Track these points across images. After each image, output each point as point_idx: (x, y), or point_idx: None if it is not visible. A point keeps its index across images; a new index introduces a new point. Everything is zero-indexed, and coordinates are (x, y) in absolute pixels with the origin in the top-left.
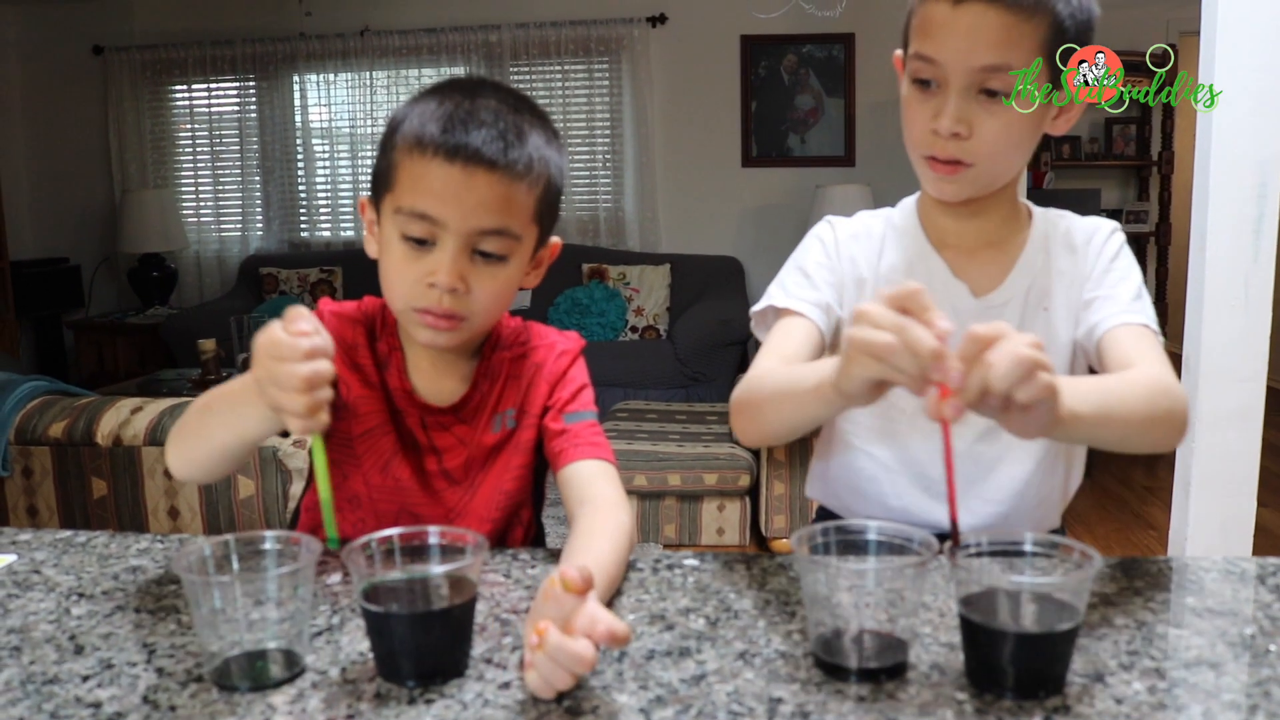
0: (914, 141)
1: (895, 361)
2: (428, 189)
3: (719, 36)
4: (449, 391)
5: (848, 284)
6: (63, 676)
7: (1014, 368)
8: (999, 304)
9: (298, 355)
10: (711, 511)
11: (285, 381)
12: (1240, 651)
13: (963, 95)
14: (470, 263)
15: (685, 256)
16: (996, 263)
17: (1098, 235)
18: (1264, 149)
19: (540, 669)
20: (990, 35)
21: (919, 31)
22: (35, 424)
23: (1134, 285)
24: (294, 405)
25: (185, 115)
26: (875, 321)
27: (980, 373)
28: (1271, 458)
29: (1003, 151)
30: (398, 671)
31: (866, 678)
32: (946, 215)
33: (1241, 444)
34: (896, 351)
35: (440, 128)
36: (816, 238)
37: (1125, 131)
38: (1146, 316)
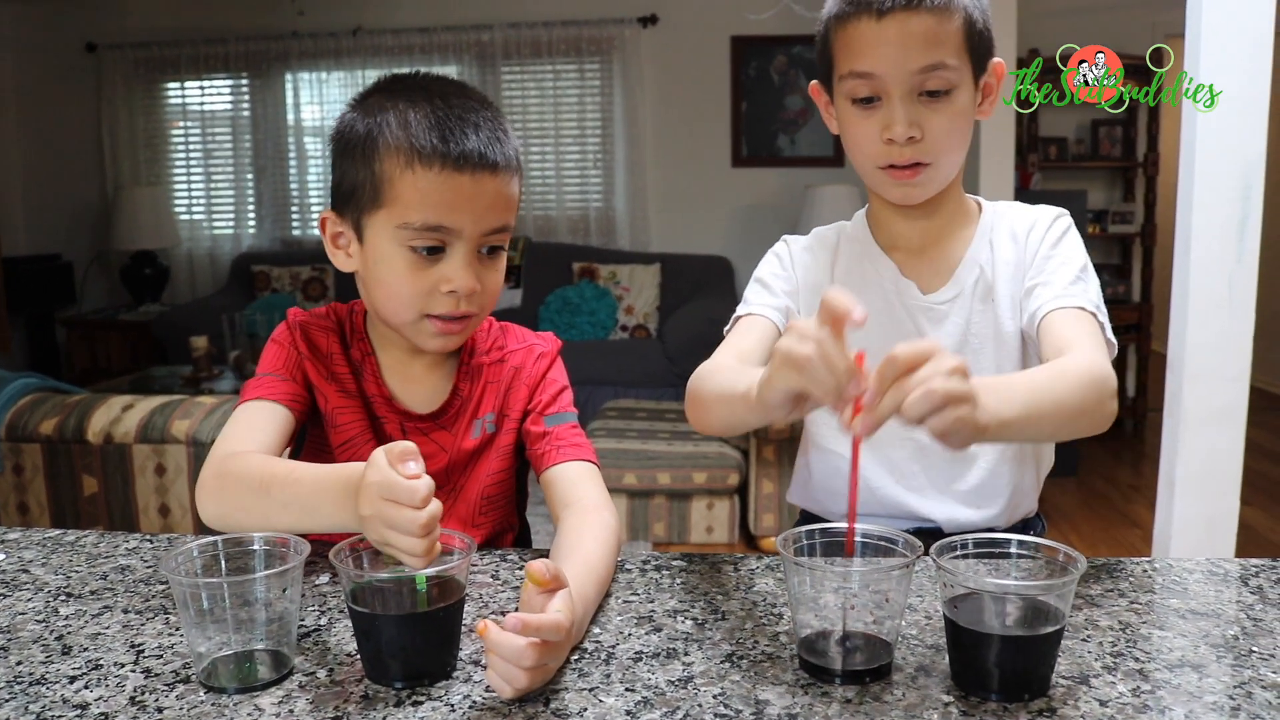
0: (868, 157)
1: (812, 374)
2: (439, 201)
3: (709, 37)
4: (426, 396)
5: (803, 291)
6: (50, 677)
7: (923, 401)
8: (946, 300)
9: (416, 501)
10: (701, 510)
11: (405, 526)
12: (1223, 653)
13: (906, 100)
14: (480, 264)
15: (675, 256)
16: (944, 259)
17: (1039, 223)
18: (1248, 150)
19: (491, 666)
20: (919, 38)
21: (846, 52)
22: (26, 421)
23: (1074, 268)
24: (413, 547)
25: (178, 113)
26: (800, 333)
27: (894, 397)
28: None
29: (954, 145)
30: (385, 672)
31: (852, 679)
32: (897, 218)
33: (1225, 443)
34: (814, 364)
35: (439, 136)
36: (773, 254)
37: (1111, 133)
38: (1085, 299)
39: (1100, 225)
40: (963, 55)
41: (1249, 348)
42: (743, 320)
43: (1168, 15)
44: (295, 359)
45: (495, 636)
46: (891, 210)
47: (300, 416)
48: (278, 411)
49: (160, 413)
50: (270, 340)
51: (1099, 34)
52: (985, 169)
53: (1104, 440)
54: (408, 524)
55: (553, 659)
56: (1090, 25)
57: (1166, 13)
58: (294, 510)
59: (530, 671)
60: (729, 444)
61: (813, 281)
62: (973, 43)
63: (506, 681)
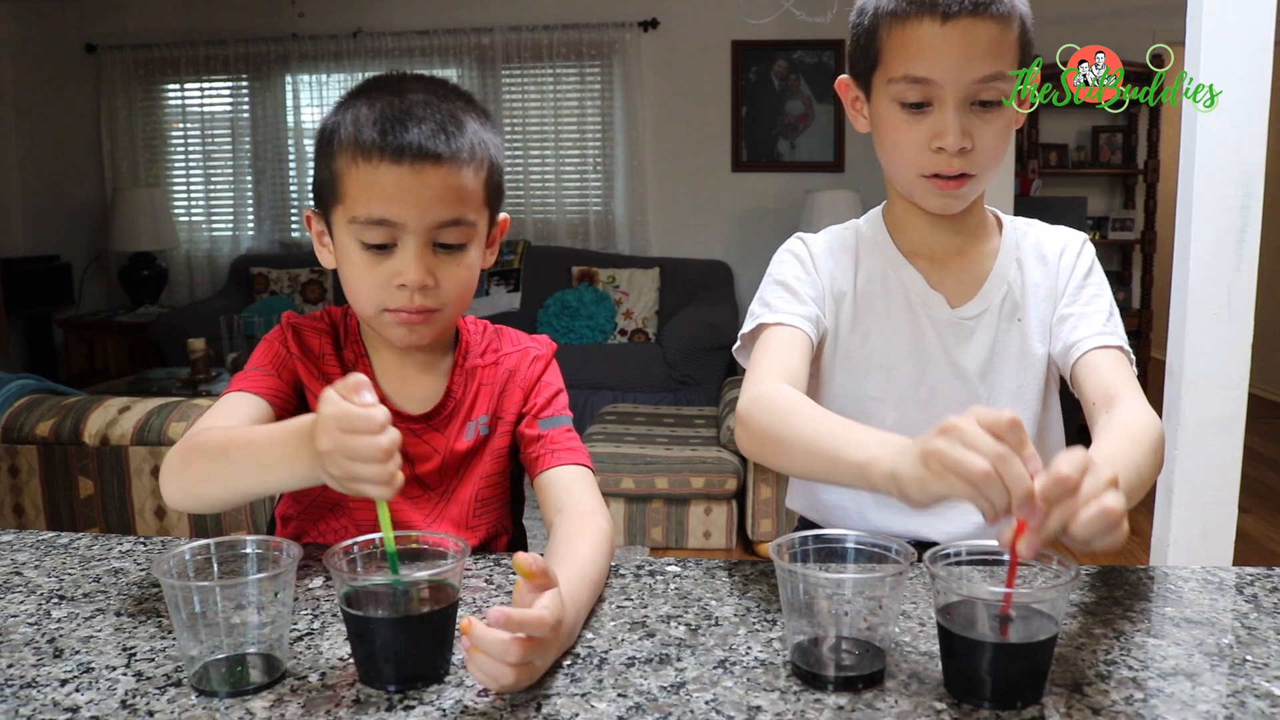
0: (911, 163)
1: (986, 491)
2: (380, 194)
3: (710, 42)
4: (420, 397)
5: (828, 298)
6: (41, 680)
7: (1099, 522)
8: (974, 315)
9: (375, 428)
10: (698, 515)
11: (366, 454)
12: (1217, 662)
13: (960, 110)
14: (434, 256)
15: (675, 260)
16: (970, 272)
17: (1069, 248)
18: (1247, 159)
19: (475, 663)
20: (983, 46)
21: (902, 53)
22: (22, 422)
23: (1106, 303)
24: (376, 474)
25: (177, 114)
26: (972, 444)
27: (1061, 517)
28: (1253, 464)
29: (1000, 157)
30: (378, 675)
31: (845, 686)
32: (922, 227)
33: (1223, 452)
34: (991, 482)
35: (379, 130)
36: (791, 254)
37: (1111, 140)
38: (1119, 337)
39: (1100, 232)
40: (1015, 65)
41: (1247, 356)
42: (773, 331)
43: (1168, 23)
44: (283, 357)
45: (479, 632)
46: (919, 217)
47: (280, 411)
48: (256, 402)
49: (157, 415)
50: (262, 339)
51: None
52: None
53: None
54: (369, 450)
55: (539, 657)
56: (1090, 32)
57: (1166, 20)
58: (251, 469)
59: (515, 668)
60: (727, 449)
61: (837, 289)
62: (1024, 51)
63: (491, 678)
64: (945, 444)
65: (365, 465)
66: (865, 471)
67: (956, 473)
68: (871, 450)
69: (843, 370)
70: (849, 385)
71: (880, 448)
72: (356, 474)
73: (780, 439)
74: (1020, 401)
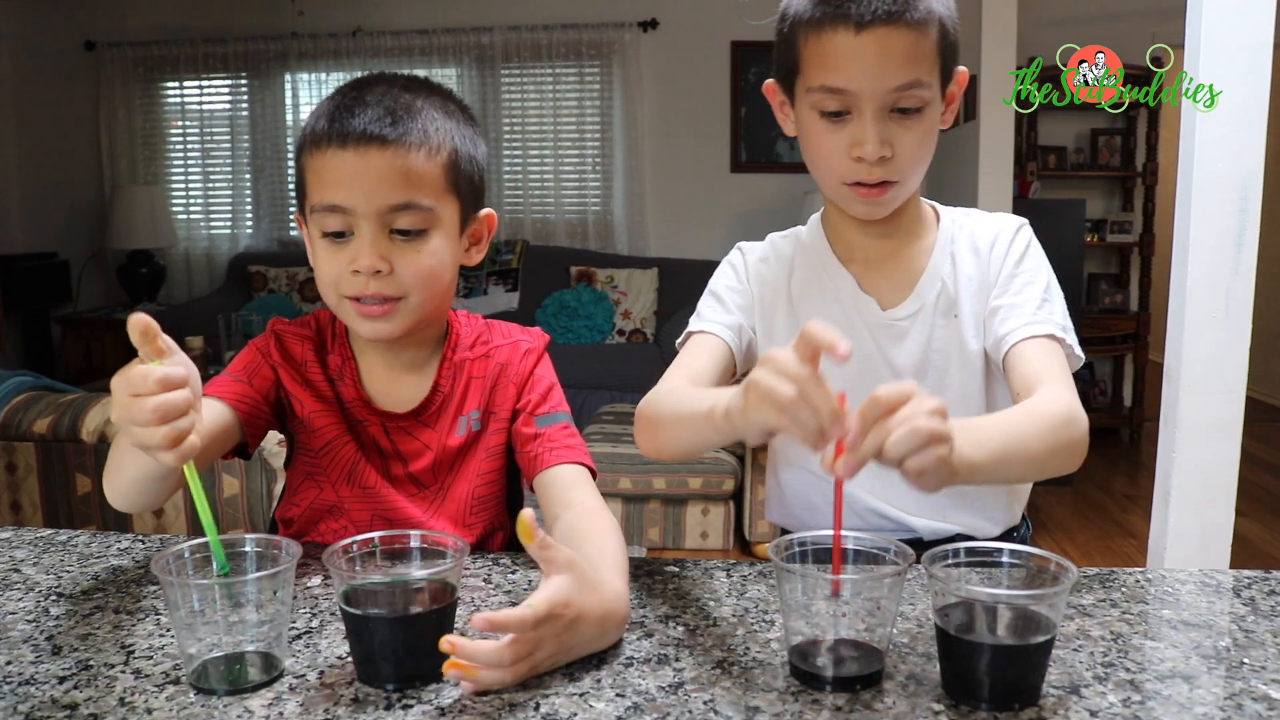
0: (833, 172)
1: (794, 415)
2: (329, 180)
3: (710, 42)
4: (409, 396)
5: (758, 306)
6: (39, 677)
7: (908, 439)
8: (907, 315)
9: (148, 388)
10: (695, 515)
11: (139, 416)
12: (1215, 664)
13: (878, 118)
14: (390, 243)
15: (673, 260)
16: (904, 272)
17: (1001, 237)
18: (1246, 162)
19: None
20: (898, 55)
21: (818, 64)
22: (20, 419)
23: (1039, 288)
24: (151, 439)
25: (176, 112)
26: (781, 370)
27: (876, 437)
28: (1251, 467)
29: (922, 161)
30: (377, 674)
31: (842, 687)
32: (855, 231)
33: (1221, 456)
34: (797, 405)
35: (328, 120)
36: (728, 263)
37: (1110, 142)
38: (1053, 324)
39: (1099, 235)
40: (935, 70)
41: (1245, 359)
42: (695, 338)
43: (1167, 25)
44: (258, 365)
45: (467, 648)
46: (850, 222)
47: (245, 417)
48: (214, 409)
49: None
50: (248, 344)
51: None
52: (984, 177)
53: (1100, 449)
54: (139, 412)
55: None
56: (1089, 34)
57: (1166, 23)
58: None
59: (515, 666)
60: (724, 450)
61: (769, 295)
62: (944, 55)
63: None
64: (760, 373)
65: (143, 429)
66: (711, 417)
67: (767, 400)
68: (714, 398)
69: None
70: None
71: (721, 394)
72: (140, 440)
73: (653, 420)
74: (964, 399)
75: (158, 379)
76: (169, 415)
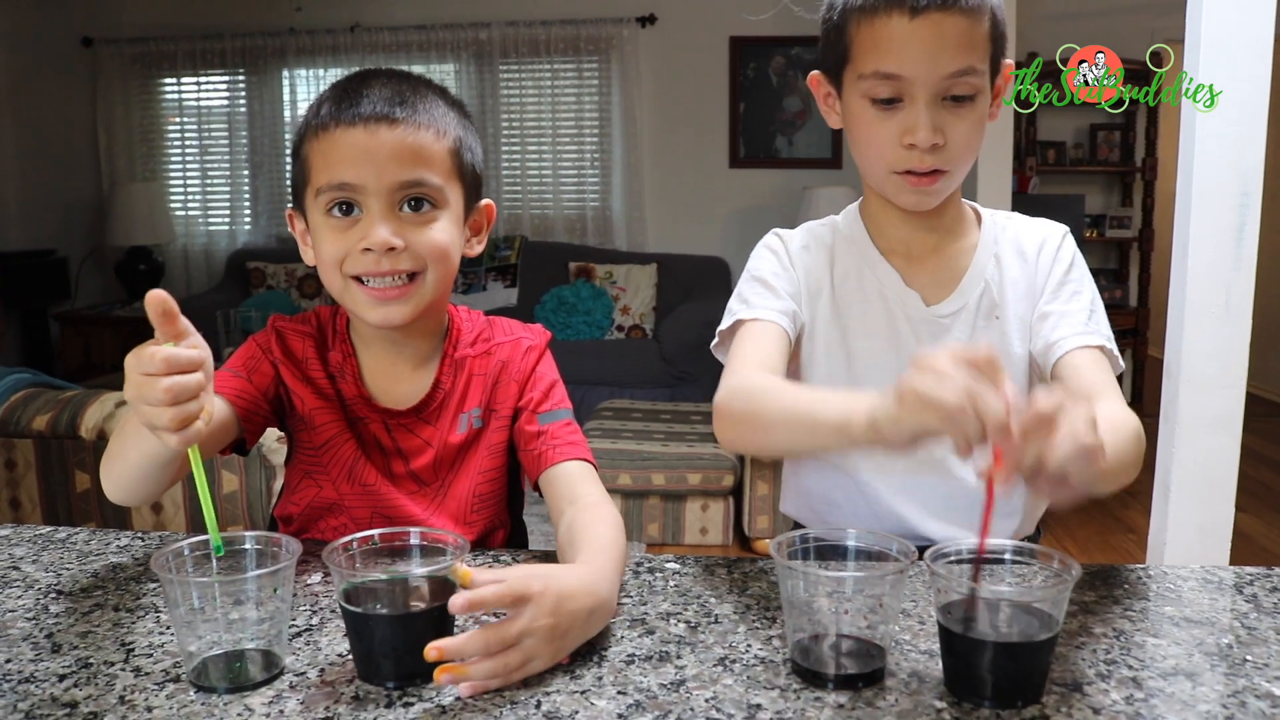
0: (883, 160)
1: (962, 423)
2: (339, 159)
3: (708, 37)
4: (409, 393)
5: (804, 295)
6: (39, 675)
7: (1076, 453)
8: (950, 313)
9: (159, 368)
10: (695, 511)
11: (150, 395)
12: (1217, 661)
13: (931, 105)
14: (400, 221)
15: (672, 256)
16: (947, 269)
17: (1049, 243)
18: (1246, 157)
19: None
20: (953, 42)
21: (871, 49)
22: (19, 416)
23: (1088, 298)
24: (160, 419)
25: (174, 108)
26: (939, 374)
27: (1038, 448)
28: (1250, 463)
29: (972, 152)
30: (377, 672)
31: (845, 684)
32: (898, 223)
33: (1221, 451)
34: (966, 415)
35: (334, 105)
36: (769, 250)
37: (1110, 138)
38: (1102, 335)
39: (1098, 230)
40: (987, 58)
41: (1245, 355)
42: (749, 326)
43: (1167, 21)
44: (260, 360)
45: (450, 646)
46: (894, 214)
47: (243, 412)
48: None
49: None
50: (248, 339)
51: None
52: (983, 172)
53: None
54: (151, 392)
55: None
56: (1089, 30)
57: (1166, 18)
58: (135, 435)
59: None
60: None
61: (814, 285)
62: (995, 44)
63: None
64: (918, 379)
65: (152, 409)
66: (845, 427)
67: (930, 405)
68: (848, 405)
69: (822, 366)
70: (827, 382)
71: (856, 401)
72: (149, 419)
73: (758, 418)
74: None
75: (164, 359)
76: (180, 397)
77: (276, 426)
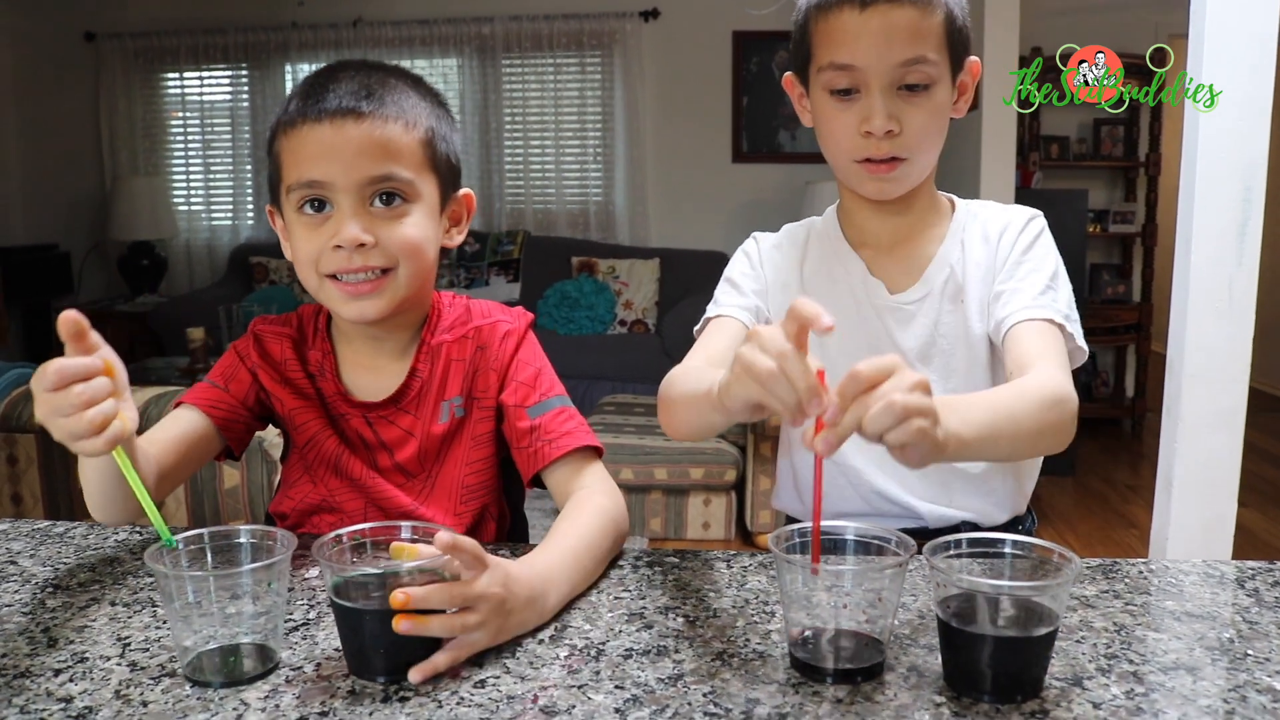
0: (844, 150)
1: (773, 388)
2: (306, 156)
3: (711, 32)
4: (388, 385)
5: (772, 290)
6: (35, 670)
7: (885, 414)
8: (914, 300)
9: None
10: (697, 505)
11: (62, 407)
12: (1218, 656)
13: (886, 94)
14: (371, 217)
15: (675, 251)
16: (913, 258)
17: (1011, 225)
18: (1250, 153)
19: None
20: (902, 31)
21: (826, 42)
22: (20, 411)
23: (1045, 276)
24: (75, 427)
25: (177, 103)
26: (763, 344)
27: (855, 413)
28: (1253, 458)
29: (930, 140)
30: (368, 667)
31: (843, 679)
32: (868, 215)
33: (1224, 447)
34: (776, 379)
35: (301, 99)
36: (743, 253)
37: (1113, 133)
38: (1053, 309)
39: (1101, 225)
40: (942, 51)
41: (1249, 350)
42: (712, 322)
43: (1171, 15)
44: (236, 368)
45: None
46: (863, 206)
47: (220, 422)
48: (188, 417)
49: (155, 404)
50: (229, 347)
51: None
52: (986, 167)
53: (1102, 440)
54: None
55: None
56: (1093, 24)
57: (1170, 12)
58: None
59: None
60: (726, 440)
61: (782, 280)
62: (952, 40)
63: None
64: (744, 348)
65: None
66: (709, 396)
67: (749, 373)
68: (715, 376)
69: None
70: None
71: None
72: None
73: (670, 401)
74: (970, 384)
75: (55, 370)
76: (91, 401)
77: (264, 429)
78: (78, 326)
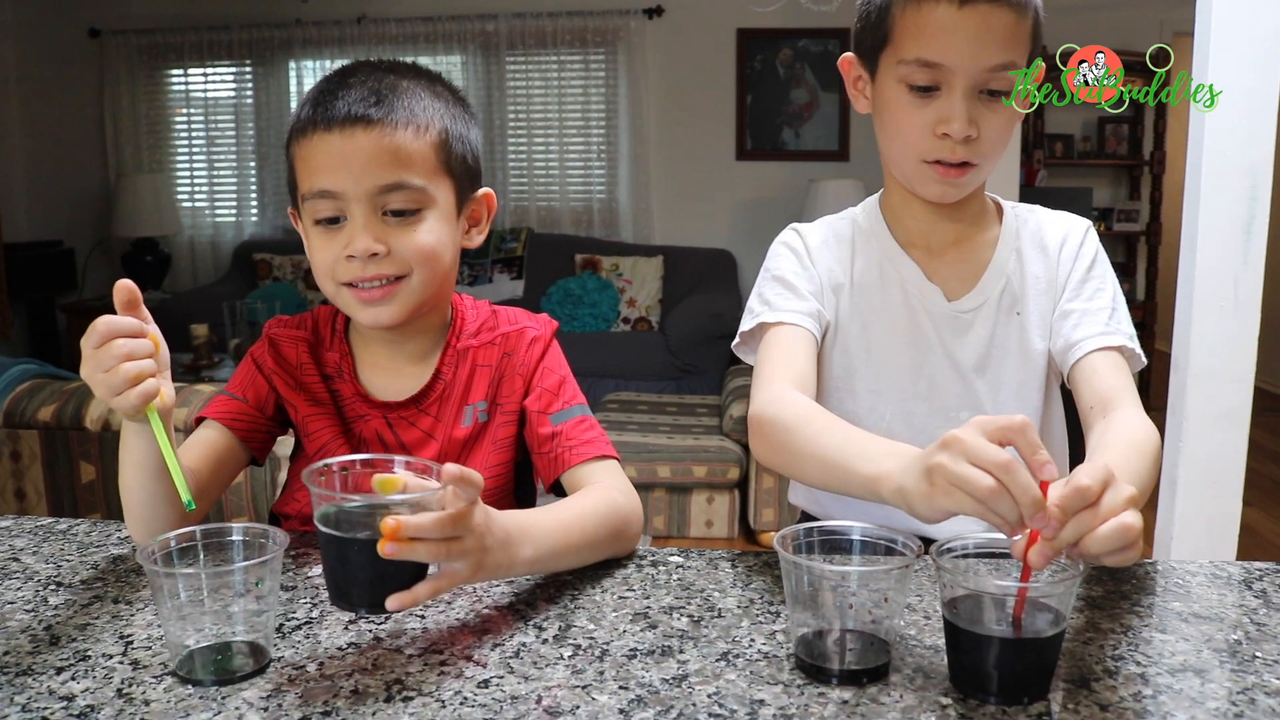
0: (913, 148)
1: (994, 506)
2: (318, 165)
3: (715, 29)
4: (409, 386)
5: (826, 292)
6: (37, 668)
7: (1114, 538)
8: (971, 308)
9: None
10: (700, 504)
11: (105, 361)
12: (1226, 657)
13: (968, 96)
14: (384, 225)
15: (678, 249)
16: (967, 263)
17: (1071, 238)
18: (1255, 151)
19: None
20: (997, 34)
21: (914, 34)
22: (24, 407)
23: (1109, 297)
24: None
25: (181, 100)
26: (975, 457)
27: (1076, 529)
28: (1257, 457)
29: (1002, 147)
30: (348, 598)
31: (849, 680)
32: (919, 216)
33: (1229, 446)
34: (999, 497)
35: (313, 106)
36: (787, 247)
37: (1118, 131)
38: (1123, 334)
39: (1106, 223)
40: (1026, 55)
41: (1254, 349)
42: (775, 330)
43: (1176, 13)
44: (254, 377)
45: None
46: (916, 206)
47: (242, 433)
48: (212, 434)
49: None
50: (247, 353)
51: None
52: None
53: None
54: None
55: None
56: (1098, 22)
57: (1175, 10)
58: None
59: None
60: (729, 438)
61: (834, 281)
62: (1035, 43)
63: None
64: (948, 459)
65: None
66: (874, 487)
67: (963, 489)
68: (879, 464)
69: (840, 362)
70: (847, 377)
71: (888, 460)
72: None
73: (792, 451)
74: (1021, 397)
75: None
76: (133, 355)
77: (285, 433)
78: (132, 295)
